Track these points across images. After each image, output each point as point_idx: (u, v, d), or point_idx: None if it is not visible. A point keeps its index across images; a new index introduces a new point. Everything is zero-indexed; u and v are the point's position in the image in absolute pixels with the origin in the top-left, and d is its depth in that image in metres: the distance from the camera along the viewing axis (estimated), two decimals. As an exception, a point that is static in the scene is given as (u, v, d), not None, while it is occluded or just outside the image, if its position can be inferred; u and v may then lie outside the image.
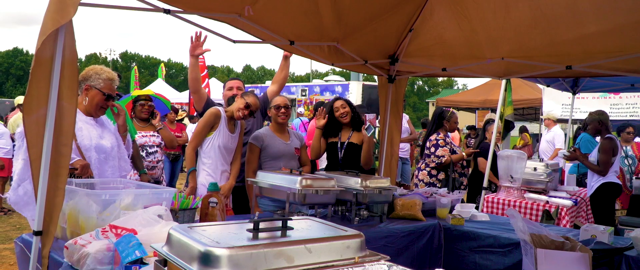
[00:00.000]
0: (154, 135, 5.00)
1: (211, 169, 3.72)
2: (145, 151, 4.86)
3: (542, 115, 10.47)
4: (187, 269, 1.31)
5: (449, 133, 5.44)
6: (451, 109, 5.38)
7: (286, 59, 4.36)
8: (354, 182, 3.48)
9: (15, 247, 2.75)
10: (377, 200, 3.54)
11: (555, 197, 5.08)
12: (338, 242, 1.52)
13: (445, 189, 4.34)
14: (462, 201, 4.43)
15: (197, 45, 3.85)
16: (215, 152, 3.73)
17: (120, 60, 74.11)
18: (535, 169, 5.31)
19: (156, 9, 2.81)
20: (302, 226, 1.66)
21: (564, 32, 3.68)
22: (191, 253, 1.35)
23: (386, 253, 3.34)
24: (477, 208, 5.35)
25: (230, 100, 3.96)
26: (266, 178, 3.39)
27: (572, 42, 3.75)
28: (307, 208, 3.70)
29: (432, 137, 5.28)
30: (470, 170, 6.12)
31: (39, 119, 2.33)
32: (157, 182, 5.00)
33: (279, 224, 1.57)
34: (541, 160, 5.98)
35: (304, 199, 3.14)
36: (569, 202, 4.88)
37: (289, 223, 1.60)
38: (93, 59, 75.53)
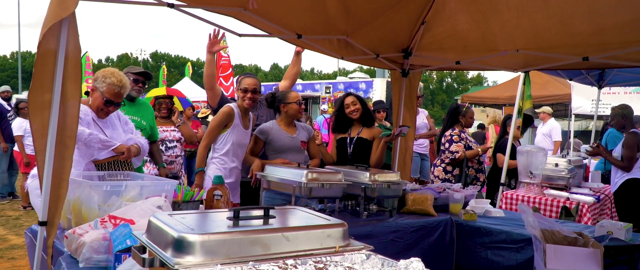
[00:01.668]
0: (174, 130, 5.13)
1: (221, 164, 3.72)
2: (164, 145, 4.98)
3: (572, 111, 10.24)
4: (161, 255, 1.32)
5: (465, 128, 5.34)
6: (466, 104, 5.29)
7: (298, 54, 4.35)
8: (363, 176, 3.45)
9: (26, 238, 2.83)
10: (386, 194, 3.51)
11: (576, 193, 4.93)
12: (318, 231, 1.50)
13: (459, 184, 4.26)
14: (478, 196, 4.35)
15: (214, 42, 3.87)
16: (228, 148, 3.73)
17: (150, 59, 75.52)
18: (556, 164, 5.17)
19: (160, 3, 2.83)
20: (285, 216, 1.65)
21: (580, 23, 3.57)
22: (166, 239, 1.35)
23: (394, 248, 3.37)
24: (494, 204, 5.27)
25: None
26: (273, 171, 3.39)
27: (589, 33, 3.65)
28: (316, 202, 3.69)
29: (447, 133, 5.20)
30: (488, 165, 6.01)
31: (43, 112, 2.38)
32: (175, 177, 5.10)
33: (262, 213, 1.56)
34: (564, 155, 5.82)
35: (310, 192, 3.13)
36: (590, 199, 4.73)
37: (272, 212, 1.59)
38: (124, 58, 77.24)
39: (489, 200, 4.13)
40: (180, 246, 1.30)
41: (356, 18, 3.77)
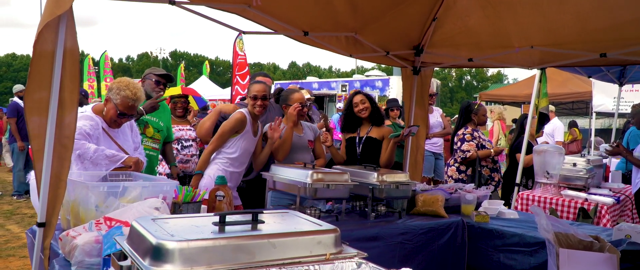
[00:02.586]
0: (190, 130, 5.13)
1: (224, 166, 3.65)
2: (180, 144, 4.98)
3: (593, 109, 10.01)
4: (139, 263, 1.25)
5: (478, 127, 5.21)
6: (478, 102, 5.15)
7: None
8: (371, 176, 3.36)
9: (27, 238, 2.81)
10: (394, 195, 3.42)
11: (595, 194, 4.78)
12: (307, 238, 1.42)
13: (472, 184, 4.15)
14: (490, 198, 4.23)
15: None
16: (236, 154, 3.66)
17: (170, 58, 76.25)
18: (574, 164, 5.02)
19: (160, 0, 2.77)
20: (275, 220, 1.58)
21: (596, 18, 3.44)
22: (145, 246, 1.29)
23: (403, 250, 3.28)
24: (509, 205, 5.13)
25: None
26: (278, 171, 3.33)
27: (606, 28, 3.51)
28: (323, 203, 3.62)
29: (460, 132, 5.08)
30: (504, 165, 5.86)
31: (41, 111, 2.35)
32: (190, 176, 5.12)
33: (250, 218, 1.49)
34: (584, 155, 5.66)
35: (315, 193, 3.06)
36: (609, 200, 4.58)
37: (262, 217, 1.52)
38: (144, 57, 78.12)
39: (503, 201, 4.00)
40: (158, 254, 1.24)
41: (364, 14, 3.68)
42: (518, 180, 5.24)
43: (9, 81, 56.75)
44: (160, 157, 4.47)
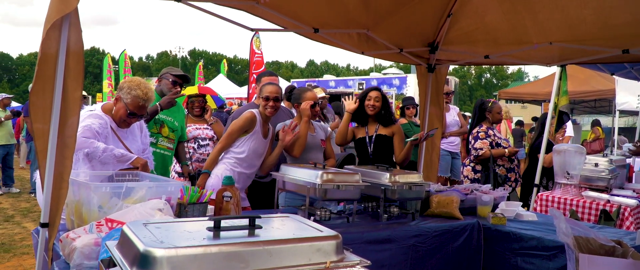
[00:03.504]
0: (207, 129, 5.13)
1: (232, 166, 3.58)
2: (197, 143, 4.99)
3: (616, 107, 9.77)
4: (126, 271, 1.19)
5: (494, 125, 5.07)
6: (492, 99, 5.01)
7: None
8: (383, 177, 3.27)
9: (33, 238, 2.78)
10: (407, 196, 3.32)
11: (618, 195, 4.61)
12: (306, 245, 1.34)
13: (489, 185, 4.03)
14: (509, 198, 4.11)
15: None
16: (245, 155, 3.59)
17: (188, 57, 76.89)
18: (596, 164, 4.85)
19: (167, -3, 2.72)
20: (274, 226, 1.50)
21: (618, 13, 3.30)
22: (133, 253, 1.22)
23: (416, 253, 3.19)
24: (528, 207, 4.99)
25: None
26: (287, 171, 3.25)
27: (628, 23, 3.37)
28: (335, 204, 3.54)
29: (474, 130, 4.95)
30: (524, 165, 5.72)
31: (44, 111, 2.32)
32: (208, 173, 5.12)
33: (247, 222, 1.42)
34: (606, 154, 5.48)
35: (325, 194, 2.98)
36: (633, 202, 4.41)
37: (260, 222, 1.44)
38: (164, 56, 78.90)
39: (521, 203, 3.88)
40: (145, 262, 1.17)
41: (376, 10, 3.59)
42: (537, 180, 5.10)
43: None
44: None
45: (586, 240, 2.58)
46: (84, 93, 10.35)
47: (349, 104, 4.07)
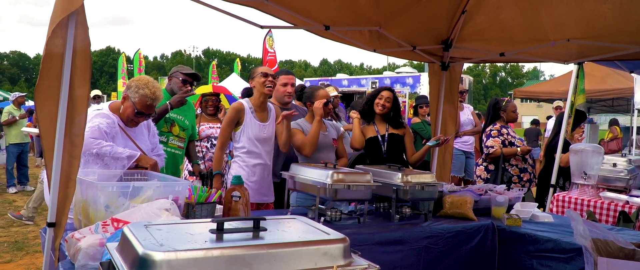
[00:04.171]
0: (220, 127, 5.12)
1: (242, 162, 3.57)
2: (210, 142, 4.97)
3: (636, 106, 9.57)
4: (125, 275, 1.14)
5: (509, 124, 4.98)
6: (506, 98, 4.92)
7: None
8: (395, 177, 3.21)
9: (41, 238, 2.77)
10: (419, 196, 3.26)
11: (637, 196, 4.49)
12: (312, 248, 1.29)
13: (503, 186, 3.95)
14: (524, 199, 4.02)
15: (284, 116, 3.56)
16: (244, 145, 3.57)
17: (202, 56, 77.33)
18: (614, 164, 4.74)
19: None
20: (280, 228, 1.45)
21: (639, 9, 3.18)
22: (132, 255, 1.18)
23: (428, 255, 3.12)
24: (544, 207, 4.88)
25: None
26: (298, 171, 3.20)
27: (651, 18, 3.25)
28: (346, 204, 3.49)
29: (487, 129, 4.86)
30: (539, 165, 5.60)
31: (51, 109, 2.30)
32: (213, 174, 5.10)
33: (252, 224, 1.37)
34: (624, 154, 5.35)
35: (335, 194, 2.93)
36: (653, 203, 4.29)
37: (266, 224, 1.39)
38: (178, 55, 79.45)
39: (537, 204, 3.79)
40: (144, 265, 1.13)
41: (388, 7, 3.52)
42: (553, 180, 4.99)
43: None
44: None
45: (605, 243, 2.49)
46: (99, 93, 10.41)
47: (355, 113, 4.07)
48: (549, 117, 13.07)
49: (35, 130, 6.72)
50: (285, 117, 3.46)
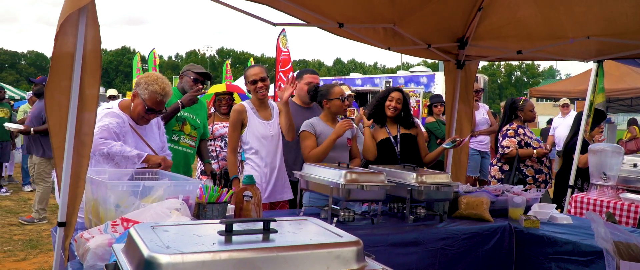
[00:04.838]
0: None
1: (254, 163, 3.54)
2: (224, 141, 4.94)
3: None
4: (129, 278, 1.11)
5: (526, 123, 4.88)
6: (523, 97, 4.82)
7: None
8: (409, 177, 3.15)
9: (52, 237, 2.76)
10: (434, 197, 3.20)
11: (658, 198, 4.38)
12: (324, 251, 1.24)
13: (521, 186, 3.86)
14: (541, 200, 3.93)
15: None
16: (253, 144, 3.57)
17: (216, 56, 77.71)
18: (635, 165, 4.63)
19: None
20: (291, 230, 1.40)
21: (663, 3, 3.09)
22: (138, 258, 1.14)
23: (444, 256, 3.05)
24: (562, 209, 4.78)
25: (310, 92, 3.82)
26: (310, 171, 3.16)
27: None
28: (359, 204, 3.44)
29: (504, 128, 4.77)
30: (557, 165, 5.49)
31: (61, 108, 2.27)
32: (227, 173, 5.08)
33: (262, 226, 1.32)
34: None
35: (348, 194, 2.89)
36: (674, 204, 4.18)
37: (276, 226, 1.35)
38: (193, 55, 79.94)
39: (555, 205, 3.70)
40: (149, 268, 1.08)
41: (403, 4, 3.46)
42: (572, 181, 4.88)
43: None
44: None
45: (627, 246, 2.41)
46: (115, 92, 10.44)
47: (364, 121, 4.02)
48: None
49: (18, 126, 6.66)
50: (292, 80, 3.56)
